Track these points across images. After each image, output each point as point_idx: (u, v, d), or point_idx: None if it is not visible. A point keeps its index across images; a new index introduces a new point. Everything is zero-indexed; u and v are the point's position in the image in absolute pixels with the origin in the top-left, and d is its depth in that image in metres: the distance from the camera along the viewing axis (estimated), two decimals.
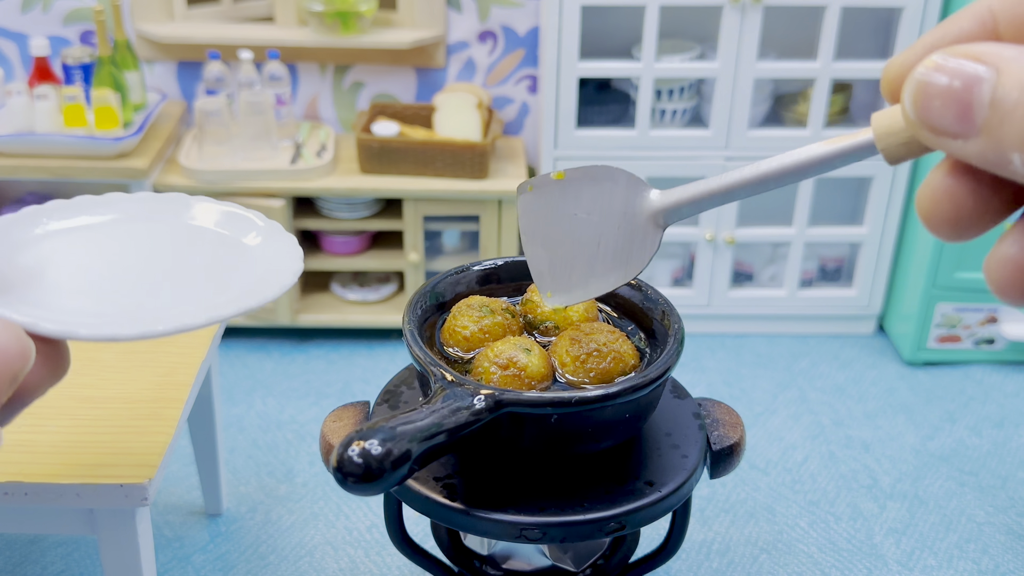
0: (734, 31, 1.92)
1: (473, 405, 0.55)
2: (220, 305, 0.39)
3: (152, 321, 0.37)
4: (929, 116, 0.29)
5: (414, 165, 1.99)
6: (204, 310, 0.39)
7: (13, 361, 0.31)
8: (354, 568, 1.55)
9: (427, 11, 2.09)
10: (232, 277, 0.42)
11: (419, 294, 0.71)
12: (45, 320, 0.35)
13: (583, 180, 0.49)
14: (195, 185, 1.96)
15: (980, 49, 0.28)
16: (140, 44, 2.11)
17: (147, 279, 0.40)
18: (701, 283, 2.15)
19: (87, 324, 0.36)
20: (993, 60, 0.28)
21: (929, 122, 0.29)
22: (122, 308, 0.38)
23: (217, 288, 0.41)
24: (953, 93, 0.28)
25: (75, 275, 0.39)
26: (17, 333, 0.32)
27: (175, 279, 0.41)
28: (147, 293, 0.40)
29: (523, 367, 0.63)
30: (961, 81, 0.28)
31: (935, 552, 1.60)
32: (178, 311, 0.39)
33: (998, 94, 0.27)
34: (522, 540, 0.68)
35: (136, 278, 0.40)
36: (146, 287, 0.40)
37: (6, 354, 0.31)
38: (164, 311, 0.39)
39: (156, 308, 0.39)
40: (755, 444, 1.84)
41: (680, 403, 0.82)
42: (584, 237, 0.49)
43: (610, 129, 2.04)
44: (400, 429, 0.47)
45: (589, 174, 0.49)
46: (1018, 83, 0.27)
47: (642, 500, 0.70)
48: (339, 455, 0.43)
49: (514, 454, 0.67)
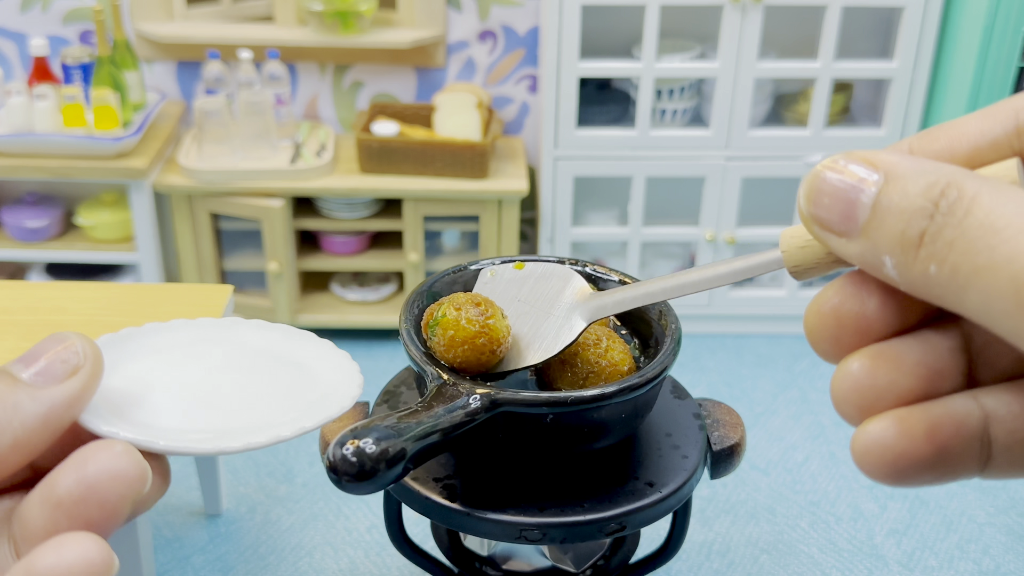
0: (735, 31, 1.92)
1: (468, 404, 0.55)
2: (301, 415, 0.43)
3: (249, 433, 0.41)
4: (819, 211, 0.30)
5: (414, 165, 1.99)
6: (291, 419, 0.43)
7: (133, 484, 0.33)
8: (354, 569, 1.54)
9: (427, 11, 2.09)
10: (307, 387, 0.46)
11: (416, 294, 0.70)
12: (161, 439, 0.38)
13: (536, 274, 0.55)
14: (194, 185, 1.95)
15: (876, 156, 0.30)
16: (139, 44, 2.11)
17: (229, 396, 0.44)
18: None
19: (197, 440, 0.39)
20: (885, 167, 0.29)
21: (818, 217, 0.30)
22: (214, 424, 0.42)
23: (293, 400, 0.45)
24: (841, 192, 0.29)
25: (165, 394, 0.42)
26: (137, 457, 0.33)
27: (253, 395, 0.45)
28: (236, 408, 0.43)
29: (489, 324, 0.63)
30: (850, 181, 0.29)
31: (936, 552, 1.60)
32: (269, 423, 0.42)
33: (881, 199, 0.29)
34: (522, 541, 0.68)
35: (219, 395, 0.44)
36: (232, 403, 0.44)
37: (127, 477, 0.32)
38: (256, 424, 0.42)
39: (248, 422, 0.42)
40: (756, 444, 1.83)
41: (680, 403, 0.82)
42: (515, 320, 0.55)
43: (610, 129, 2.03)
44: (395, 428, 0.47)
45: (545, 271, 0.55)
46: (900, 190, 0.28)
47: (642, 501, 0.70)
48: (333, 453, 0.43)
49: (511, 454, 0.67)
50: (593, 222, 2.16)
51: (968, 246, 0.27)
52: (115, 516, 0.32)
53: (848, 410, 0.31)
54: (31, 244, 2.04)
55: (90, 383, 0.35)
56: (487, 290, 0.56)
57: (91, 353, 0.36)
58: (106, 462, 0.32)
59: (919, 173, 0.28)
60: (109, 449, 0.33)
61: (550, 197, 2.07)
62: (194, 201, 2.00)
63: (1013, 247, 0.26)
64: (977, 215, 0.27)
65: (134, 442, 0.37)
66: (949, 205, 0.27)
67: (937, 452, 0.29)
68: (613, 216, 2.18)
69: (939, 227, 0.27)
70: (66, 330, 0.37)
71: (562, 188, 2.05)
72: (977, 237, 0.26)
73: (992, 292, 0.26)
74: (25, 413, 0.33)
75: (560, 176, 2.04)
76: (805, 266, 0.34)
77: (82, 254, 2.04)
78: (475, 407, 0.55)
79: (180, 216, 2.01)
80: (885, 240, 0.29)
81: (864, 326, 0.31)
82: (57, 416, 0.34)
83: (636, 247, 2.12)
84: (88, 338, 0.36)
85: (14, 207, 2.07)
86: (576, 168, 2.04)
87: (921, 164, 0.29)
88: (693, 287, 0.41)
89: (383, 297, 2.16)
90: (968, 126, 0.31)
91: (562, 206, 2.07)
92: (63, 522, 0.32)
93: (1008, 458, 0.30)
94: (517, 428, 0.63)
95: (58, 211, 2.07)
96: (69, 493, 0.32)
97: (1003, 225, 0.26)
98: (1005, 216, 0.26)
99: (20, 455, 0.33)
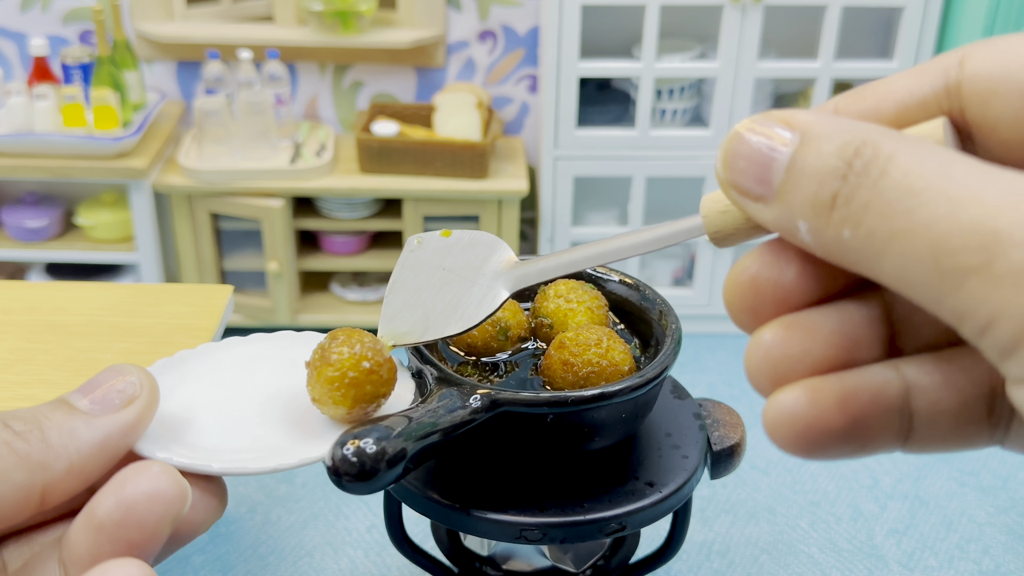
0: (734, 31, 1.92)
1: (469, 404, 0.55)
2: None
3: (303, 448, 0.42)
4: (734, 175, 0.29)
5: (414, 165, 1.99)
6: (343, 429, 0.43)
7: (172, 504, 0.33)
8: (354, 569, 1.54)
9: (427, 10, 2.09)
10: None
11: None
12: (216, 462, 0.38)
13: (463, 242, 0.54)
14: (194, 185, 1.96)
15: (794, 115, 0.28)
16: (139, 44, 2.11)
17: (281, 411, 0.44)
18: (701, 283, 2.14)
19: (251, 459, 0.40)
20: (801, 126, 0.28)
21: (734, 181, 0.29)
22: (269, 441, 0.42)
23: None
24: (757, 154, 0.28)
25: (218, 415, 0.43)
26: (175, 477, 0.33)
27: (304, 408, 0.45)
28: (288, 423, 0.44)
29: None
30: (766, 143, 0.28)
31: (936, 552, 1.60)
32: (321, 436, 0.43)
33: (795, 160, 0.27)
34: (522, 541, 0.68)
35: (271, 411, 0.44)
36: (284, 418, 0.44)
37: (166, 498, 0.33)
38: (309, 437, 0.43)
39: (300, 436, 0.43)
40: (756, 444, 1.83)
41: (680, 403, 0.82)
42: (439, 289, 0.54)
43: (610, 129, 2.03)
44: (395, 428, 0.47)
45: (472, 239, 0.54)
46: (815, 150, 0.27)
47: (643, 501, 0.70)
48: (333, 454, 0.43)
49: (512, 454, 0.67)
50: (593, 222, 2.16)
51: (884, 209, 0.25)
52: (155, 537, 0.33)
53: (760, 382, 0.29)
54: (31, 244, 2.04)
55: (146, 412, 0.36)
56: (412, 258, 0.55)
57: (147, 384, 0.37)
58: (144, 483, 0.33)
59: (835, 132, 0.27)
60: (147, 471, 0.33)
61: (550, 197, 2.07)
62: (194, 201, 2.00)
63: (932, 210, 0.24)
64: (894, 175, 0.25)
65: (189, 467, 0.37)
66: (864, 165, 0.26)
67: (851, 423, 0.28)
68: (613, 216, 2.18)
69: (853, 188, 0.26)
70: (67, 331, 0.37)
71: (562, 188, 2.05)
72: (894, 199, 0.25)
73: (910, 258, 0.25)
74: (81, 440, 0.34)
75: (560, 176, 2.04)
76: (725, 232, 0.32)
77: (82, 254, 2.04)
78: (476, 407, 0.55)
79: (180, 216, 2.01)
80: (799, 203, 0.27)
81: (782, 296, 0.30)
82: (113, 443, 0.35)
83: None
84: (144, 369, 0.37)
85: (14, 207, 2.07)
86: (576, 168, 2.04)
87: (839, 123, 0.27)
88: (616, 254, 0.40)
89: (383, 297, 2.16)
90: (896, 84, 0.30)
91: (562, 206, 2.07)
92: (105, 545, 0.32)
93: (930, 430, 0.28)
94: (518, 428, 0.63)
95: (58, 211, 2.07)
96: (109, 516, 0.32)
97: (922, 187, 0.25)
98: (924, 176, 0.25)
99: (75, 481, 0.34)
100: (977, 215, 0.24)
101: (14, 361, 0.98)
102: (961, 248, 0.24)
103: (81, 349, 1.11)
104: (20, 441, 0.33)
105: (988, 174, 0.24)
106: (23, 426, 0.33)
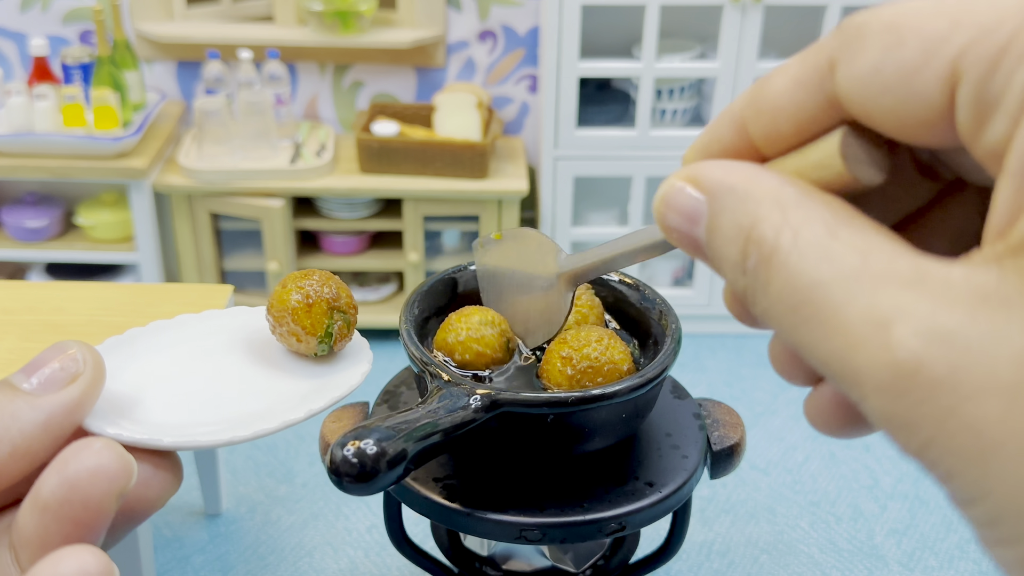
0: (735, 31, 1.92)
1: (469, 405, 0.55)
2: (309, 397, 0.43)
3: (259, 421, 0.40)
4: (670, 231, 0.29)
5: (414, 165, 1.99)
6: (299, 403, 0.42)
7: (116, 479, 0.32)
8: (354, 569, 1.54)
9: (427, 10, 2.09)
10: (315, 369, 0.46)
11: (416, 294, 0.70)
12: (167, 436, 0.38)
13: (515, 239, 0.57)
14: (194, 185, 1.96)
15: (701, 173, 0.27)
16: (139, 44, 2.11)
17: (236, 386, 0.44)
18: (701, 283, 2.14)
19: (203, 432, 0.39)
20: (708, 188, 0.27)
21: (671, 234, 0.29)
22: (222, 415, 0.41)
23: (300, 382, 0.45)
24: (682, 215, 0.28)
25: (172, 390, 0.42)
26: (118, 451, 0.33)
27: (260, 382, 0.44)
28: (243, 397, 0.43)
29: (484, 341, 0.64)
30: (687, 205, 0.28)
31: (936, 552, 1.60)
32: (277, 409, 0.42)
33: (707, 237, 0.27)
34: (522, 541, 0.68)
35: (226, 386, 0.44)
36: (239, 392, 0.43)
37: (108, 473, 0.32)
38: (265, 411, 0.42)
39: (256, 409, 0.42)
40: (756, 444, 1.83)
41: (680, 403, 0.82)
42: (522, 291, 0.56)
43: (610, 129, 2.03)
44: (396, 429, 0.47)
45: (519, 237, 0.56)
46: (719, 231, 0.26)
47: (642, 501, 0.70)
48: (334, 455, 0.43)
49: (512, 454, 0.67)
50: (593, 222, 2.16)
51: (780, 321, 0.25)
52: (101, 513, 0.32)
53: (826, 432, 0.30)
54: (31, 244, 2.04)
55: (91, 389, 0.35)
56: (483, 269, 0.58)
57: (91, 359, 0.36)
58: (86, 459, 0.32)
59: (731, 206, 0.26)
60: (89, 447, 0.32)
61: (550, 197, 2.07)
62: (194, 201, 2.00)
63: (812, 334, 0.24)
64: (776, 285, 0.25)
65: (140, 442, 0.37)
66: (754, 267, 0.25)
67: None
68: (613, 216, 2.18)
69: (753, 291, 0.26)
70: (67, 331, 0.37)
71: (562, 188, 2.05)
72: (784, 313, 0.24)
73: (819, 367, 0.24)
74: (24, 421, 0.33)
75: (560, 176, 2.04)
76: None
77: (82, 254, 2.04)
78: (476, 407, 0.55)
79: (180, 216, 2.01)
80: (727, 283, 0.27)
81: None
82: (57, 423, 0.34)
83: None
84: (88, 345, 0.36)
85: (14, 207, 2.07)
86: (576, 168, 2.04)
87: (732, 188, 0.26)
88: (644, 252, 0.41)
89: (383, 297, 2.16)
90: (783, 100, 0.28)
91: (562, 206, 2.07)
92: (52, 525, 0.32)
93: None
94: (518, 428, 0.63)
95: (58, 211, 2.07)
96: (53, 495, 0.32)
97: (798, 301, 0.24)
98: (800, 290, 0.24)
99: (21, 463, 0.33)
100: (842, 346, 0.23)
101: (14, 361, 0.98)
102: (842, 379, 0.23)
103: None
104: None
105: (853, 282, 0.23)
106: None
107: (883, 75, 0.25)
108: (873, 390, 0.22)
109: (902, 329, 0.22)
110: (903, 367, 0.22)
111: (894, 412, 0.22)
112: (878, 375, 0.22)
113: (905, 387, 0.22)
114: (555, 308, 0.53)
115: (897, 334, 0.22)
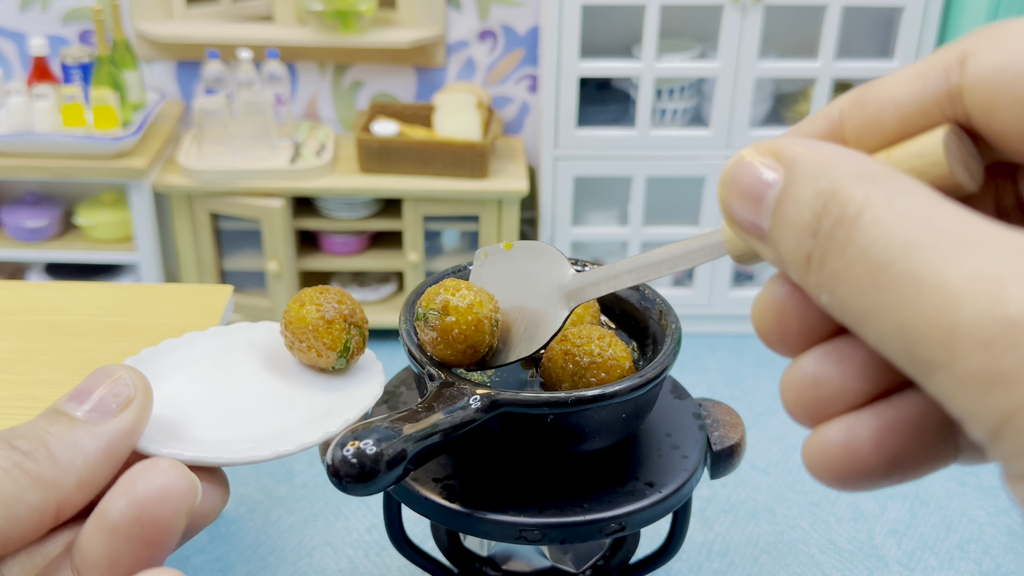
0: (735, 30, 1.91)
1: (469, 405, 0.55)
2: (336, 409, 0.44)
3: (300, 433, 0.42)
4: (732, 212, 0.28)
5: (414, 165, 1.99)
6: (331, 413, 0.43)
7: (184, 497, 0.33)
8: (353, 569, 1.54)
9: (427, 10, 2.09)
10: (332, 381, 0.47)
11: (416, 294, 0.70)
12: (220, 453, 0.39)
13: (523, 254, 0.55)
14: (194, 185, 1.95)
15: (782, 147, 0.27)
16: (139, 43, 2.11)
17: (262, 400, 0.45)
18: (701, 283, 2.14)
19: (251, 448, 0.40)
20: (786, 161, 0.26)
21: (732, 216, 0.28)
22: (260, 430, 0.43)
23: (323, 394, 0.46)
24: (749, 191, 0.27)
25: (202, 408, 0.43)
26: (183, 471, 0.33)
27: (284, 395, 0.46)
28: (273, 410, 0.44)
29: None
30: (756, 179, 0.27)
31: (936, 553, 1.59)
32: (312, 420, 0.43)
33: (778, 205, 0.26)
34: (522, 541, 0.68)
35: (253, 401, 0.45)
36: (268, 406, 0.45)
37: (177, 492, 0.33)
38: (301, 422, 0.43)
39: (292, 422, 0.43)
40: (756, 444, 1.83)
41: (680, 403, 0.82)
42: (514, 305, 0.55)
43: (610, 129, 2.03)
44: (395, 429, 0.47)
45: (530, 250, 0.55)
46: (794, 198, 0.26)
47: (642, 501, 0.70)
48: (333, 455, 0.43)
49: (511, 454, 0.67)
50: (593, 222, 2.16)
51: (852, 283, 0.24)
52: (171, 532, 0.33)
53: (798, 417, 0.29)
54: (31, 244, 2.04)
55: (143, 412, 0.36)
56: (482, 273, 0.57)
57: (140, 383, 0.36)
58: (154, 480, 0.33)
59: (813, 174, 0.26)
60: (155, 467, 0.33)
61: (550, 197, 2.07)
62: (194, 201, 2.00)
63: (896, 293, 0.23)
64: (859, 243, 0.24)
65: (196, 460, 0.38)
66: (831, 226, 0.25)
67: (889, 460, 0.27)
68: (613, 216, 2.18)
69: (823, 252, 0.25)
70: (66, 331, 0.37)
71: (562, 188, 2.05)
72: (860, 273, 0.24)
73: (882, 337, 0.24)
74: (87, 451, 0.34)
75: (560, 176, 2.04)
76: (749, 254, 0.32)
77: (82, 254, 2.04)
78: (476, 407, 0.55)
79: (180, 216, 2.01)
80: (785, 254, 0.26)
81: (808, 326, 0.29)
82: (117, 449, 0.35)
83: (636, 247, 2.12)
84: (134, 368, 0.37)
85: (14, 207, 2.07)
86: (576, 168, 2.04)
87: (820, 160, 0.26)
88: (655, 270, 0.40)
89: (383, 297, 2.16)
90: (898, 90, 0.28)
91: (562, 206, 2.07)
92: (121, 546, 0.32)
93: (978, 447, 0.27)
94: (517, 428, 0.62)
95: (58, 211, 2.07)
96: (123, 516, 0.32)
97: (886, 261, 0.23)
98: (889, 249, 0.23)
99: (86, 492, 0.34)
100: (939, 304, 0.22)
101: (14, 361, 0.97)
102: (925, 340, 0.23)
103: (81, 349, 1.11)
104: (30, 461, 0.32)
105: (957, 247, 0.23)
106: (29, 445, 0.33)
107: (1010, 71, 0.25)
108: (973, 347, 0.22)
109: (1016, 289, 0.22)
110: (1017, 321, 0.22)
111: (996, 368, 0.22)
112: (983, 330, 0.22)
113: (1016, 341, 0.22)
114: (544, 325, 0.52)
115: (1011, 291, 0.22)
